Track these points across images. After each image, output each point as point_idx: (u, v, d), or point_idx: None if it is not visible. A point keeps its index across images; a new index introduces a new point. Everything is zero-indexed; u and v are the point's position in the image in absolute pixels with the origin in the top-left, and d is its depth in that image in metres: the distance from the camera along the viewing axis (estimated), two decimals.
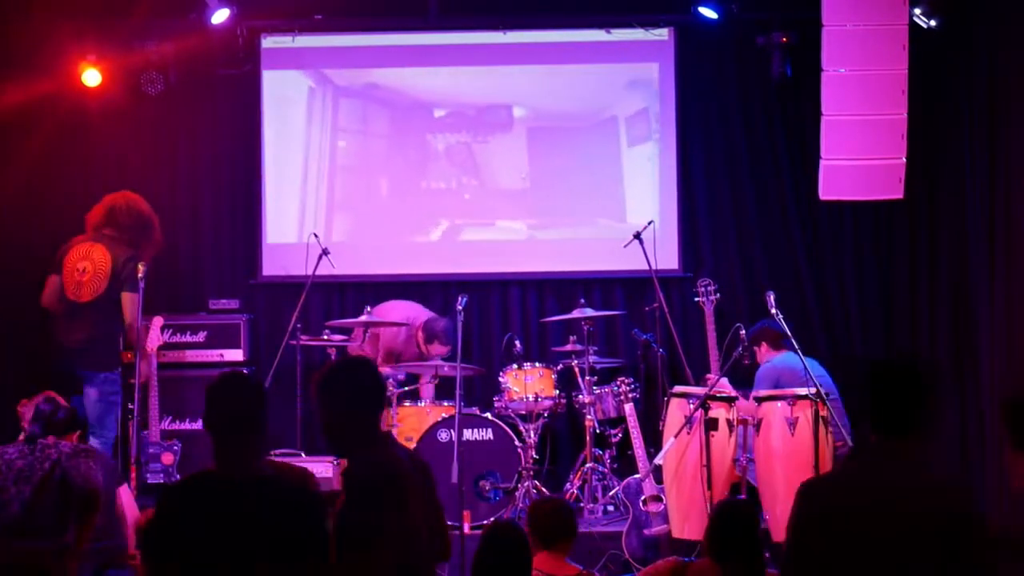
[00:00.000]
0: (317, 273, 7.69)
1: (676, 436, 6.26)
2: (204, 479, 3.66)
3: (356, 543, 3.62)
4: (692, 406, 6.27)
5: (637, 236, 7.69)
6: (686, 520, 6.37)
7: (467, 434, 6.92)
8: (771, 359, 7.13)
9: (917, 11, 7.35)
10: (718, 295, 7.19)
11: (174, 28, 8.24)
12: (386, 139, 8.76)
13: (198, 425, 7.54)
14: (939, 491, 3.17)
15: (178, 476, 7.21)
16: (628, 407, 7.12)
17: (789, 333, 6.51)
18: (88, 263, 7.24)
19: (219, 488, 3.58)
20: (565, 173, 8.69)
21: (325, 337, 7.72)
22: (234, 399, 3.67)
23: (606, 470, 7.35)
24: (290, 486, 3.67)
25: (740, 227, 8.57)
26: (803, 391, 6.40)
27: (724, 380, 6.63)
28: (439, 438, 7.02)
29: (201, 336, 8.06)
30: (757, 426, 6.64)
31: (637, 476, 6.81)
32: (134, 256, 7.19)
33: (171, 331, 7.87)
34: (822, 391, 6.31)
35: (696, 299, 7.23)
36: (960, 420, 7.58)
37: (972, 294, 7.44)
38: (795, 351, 6.53)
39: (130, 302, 7.09)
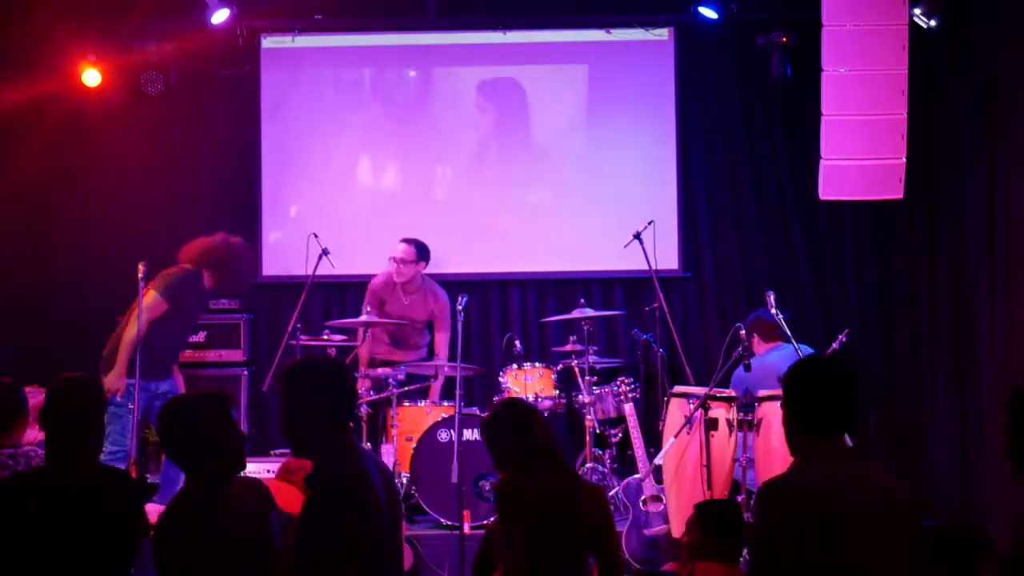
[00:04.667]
0: (317, 273, 7.69)
1: (676, 436, 6.25)
2: (37, 475, 3.88)
3: (322, 554, 3.58)
4: (692, 406, 6.26)
5: (637, 236, 7.69)
6: (686, 520, 6.35)
7: (467, 434, 6.90)
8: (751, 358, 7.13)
9: (917, 11, 7.35)
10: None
11: (174, 28, 8.25)
12: (387, 139, 8.76)
13: None
14: (889, 484, 3.37)
15: None
16: (628, 407, 7.11)
17: (783, 325, 6.50)
18: None
19: (52, 483, 3.75)
20: (564, 172, 8.69)
21: (325, 337, 7.71)
22: (72, 400, 3.85)
23: (606, 470, 7.34)
24: (118, 481, 3.83)
25: (740, 227, 8.58)
26: None
27: None
28: (439, 438, 7.01)
29: (201, 336, 8.06)
30: (757, 426, 6.64)
31: (637, 476, 6.80)
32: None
33: None
34: None
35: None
36: (960, 420, 7.57)
37: (972, 294, 7.44)
38: (789, 341, 6.53)
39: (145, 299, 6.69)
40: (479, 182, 8.74)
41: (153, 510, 4.84)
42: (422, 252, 7.83)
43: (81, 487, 3.74)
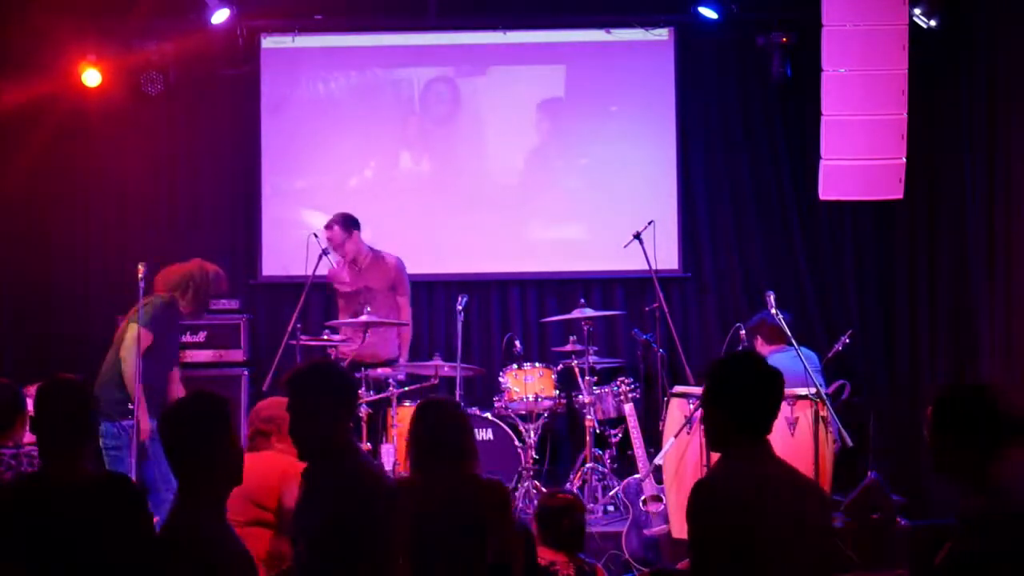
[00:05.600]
0: (317, 273, 7.69)
1: (676, 436, 6.25)
2: (32, 481, 3.76)
3: (336, 556, 3.57)
4: (692, 406, 6.26)
5: (637, 236, 7.69)
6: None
7: None
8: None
9: (917, 11, 7.35)
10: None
11: (174, 28, 8.25)
12: (386, 139, 8.76)
13: None
14: (812, 484, 3.56)
15: None
16: (628, 407, 7.11)
17: (784, 327, 6.49)
18: None
19: (47, 490, 3.63)
20: (565, 173, 8.70)
21: (325, 337, 7.72)
22: (61, 403, 3.73)
23: (606, 470, 7.34)
24: (117, 487, 3.70)
25: (740, 227, 8.58)
26: (803, 391, 6.40)
27: None
28: None
29: (201, 336, 8.06)
30: None
31: (637, 476, 6.80)
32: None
33: None
34: (822, 390, 6.30)
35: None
36: None
37: (972, 294, 7.44)
38: (792, 346, 6.51)
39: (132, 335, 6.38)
40: (479, 181, 8.73)
41: None
42: (346, 223, 7.78)
43: (79, 493, 3.65)
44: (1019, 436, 3.21)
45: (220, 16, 8.12)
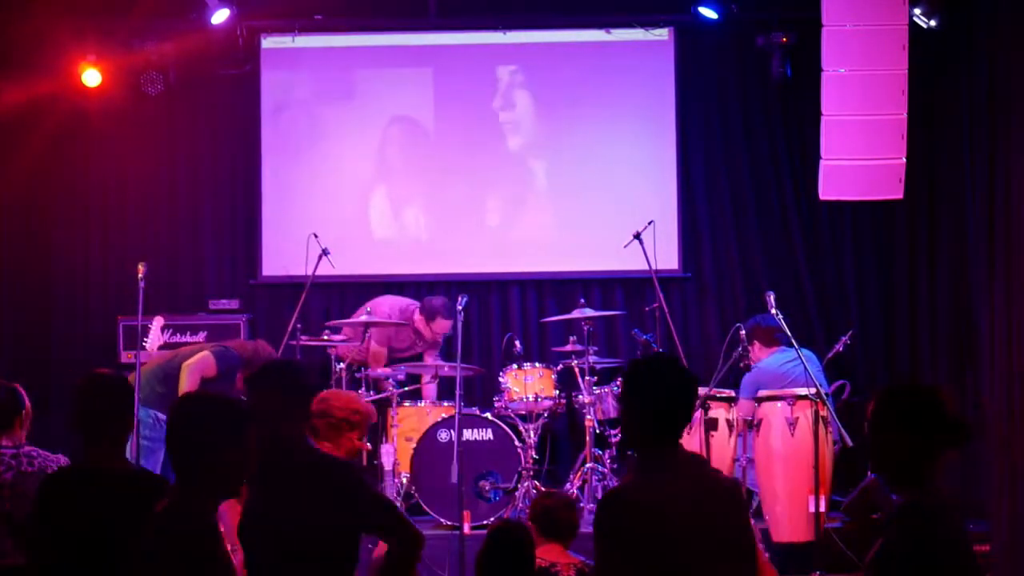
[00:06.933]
0: (317, 273, 7.68)
1: None
2: (75, 472, 3.86)
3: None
4: None
5: (637, 236, 7.69)
6: None
7: (467, 434, 6.91)
8: (759, 361, 7.11)
9: (917, 11, 7.35)
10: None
11: (174, 28, 8.26)
12: (385, 139, 8.76)
13: None
14: (729, 483, 3.46)
15: None
16: None
17: (784, 327, 6.49)
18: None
19: (91, 480, 3.72)
20: (565, 172, 8.70)
21: (325, 337, 7.71)
22: (109, 398, 3.81)
23: (606, 470, 7.34)
24: (156, 482, 3.75)
25: (740, 227, 8.58)
26: (803, 391, 6.41)
27: None
28: (439, 438, 7.01)
29: (201, 336, 8.06)
30: (757, 426, 6.65)
31: None
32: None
33: (171, 331, 7.87)
34: (822, 390, 6.31)
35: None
36: None
37: (972, 294, 7.44)
38: (791, 346, 6.52)
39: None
40: (479, 181, 8.73)
41: None
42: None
43: (123, 483, 3.72)
44: (959, 437, 3.17)
45: (220, 16, 8.12)
